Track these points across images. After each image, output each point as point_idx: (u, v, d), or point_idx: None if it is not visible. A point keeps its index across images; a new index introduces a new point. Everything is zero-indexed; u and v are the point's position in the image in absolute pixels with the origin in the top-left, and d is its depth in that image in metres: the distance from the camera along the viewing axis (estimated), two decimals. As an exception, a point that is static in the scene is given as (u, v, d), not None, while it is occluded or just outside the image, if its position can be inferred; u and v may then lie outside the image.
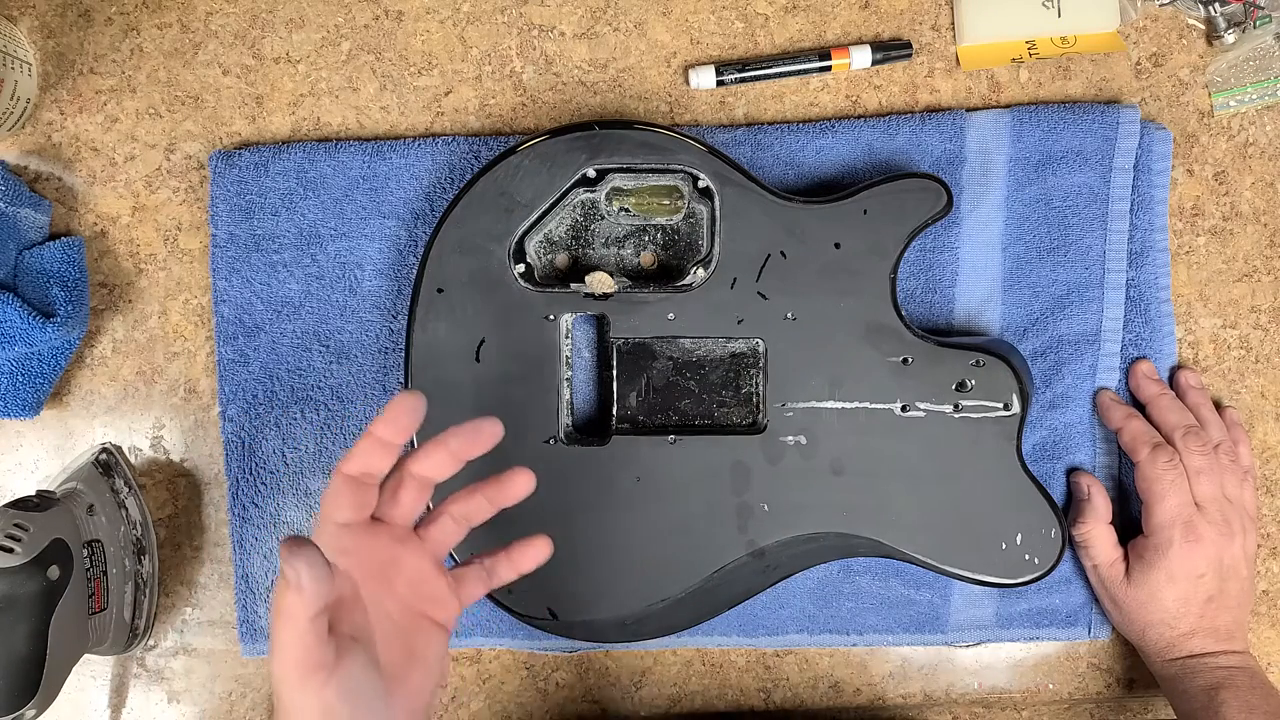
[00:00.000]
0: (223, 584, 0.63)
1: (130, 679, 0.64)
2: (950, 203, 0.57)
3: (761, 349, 0.58)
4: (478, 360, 0.57)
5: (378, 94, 0.62)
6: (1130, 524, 0.62)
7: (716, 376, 0.59)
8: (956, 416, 0.58)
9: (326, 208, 0.61)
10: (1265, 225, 0.63)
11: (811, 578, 0.62)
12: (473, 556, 0.49)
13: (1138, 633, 0.59)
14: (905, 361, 0.58)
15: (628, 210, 0.59)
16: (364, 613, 0.43)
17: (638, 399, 0.59)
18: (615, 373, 0.59)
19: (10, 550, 0.51)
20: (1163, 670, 0.59)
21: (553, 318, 0.57)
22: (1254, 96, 0.62)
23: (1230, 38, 0.62)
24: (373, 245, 0.61)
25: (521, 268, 0.57)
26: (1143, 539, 0.59)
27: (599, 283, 0.57)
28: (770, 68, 0.61)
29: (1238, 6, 0.61)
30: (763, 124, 0.62)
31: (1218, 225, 0.63)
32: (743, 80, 0.61)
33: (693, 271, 0.58)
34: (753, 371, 0.59)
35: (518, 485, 0.47)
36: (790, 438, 0.58)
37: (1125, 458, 0.61)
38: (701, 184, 0.57)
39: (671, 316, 0.58)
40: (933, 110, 0.62)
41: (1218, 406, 0.63)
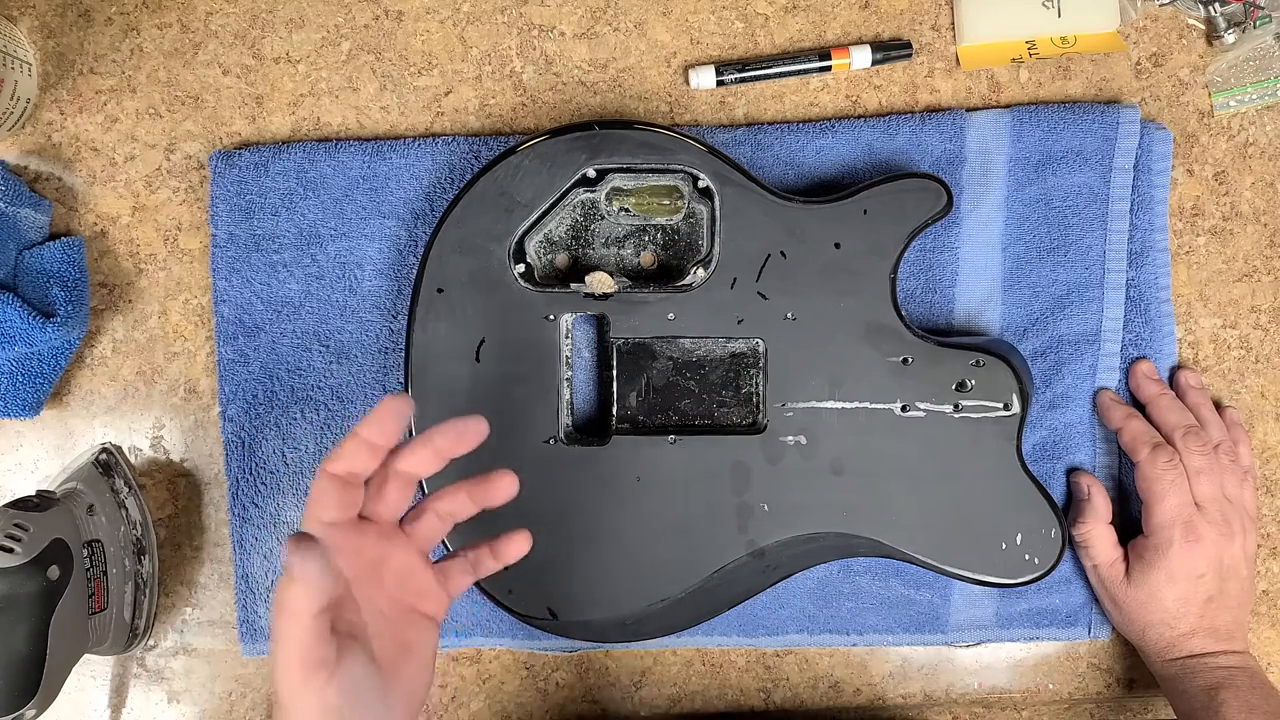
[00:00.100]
0: (223, 584, 0.63)
1: (130, 679, 0.64)
2: (950, 203, 0.57)
3: (761, 349, 0.58)
4: (478, 360, 0.57)
5: (378, 94, 0.62)
6: (1130, 524, 0.62)
7: (716, 376, 0.59)
8: (956, 416, 0.58)
9: (326, 208, 0.61)
10: (1265, 225, 0.63)
11: (811, 578, 0.62)
12: (456, 550, 0.50)
13: (1138, 633, 0.59)
14: (905, 361, 0.58)
15: (628, 210, 0.59)
16: (357, 610, 0.44)
17: (638, 399, 0.59)
18: (615, 373, 0.59)
19: (10, 550, 0.51)
20: (1163, 670, 0.59)
21: (553, 318, 0.57)
22: (1254, 96, 0.62)
23: (1230, 38, 0.62)
24: (373, 245, 0.61)
25: (521, 268, 0.57)
26: (1143, 539, 0.59)
27: (599, 283, 0.57)
28: (770, 68, 0.61)
29: (1238, 6, 0.61)
30: (763, 124, 0.62)
31: (1218, 225, 0.63)
32: (743, 80, 0.61)
33: (693, 271, 0.58)
34: (753, 371, 0.59)
35: (501, 487, 0.48)
36: (790, 438, 0.58)
37: (1125, 458, 0.61)
38: (701, 184, 0.57)
39: (671, 316, 0.58)
40: (933, 110, 0.62)
41: (1218, 406, 0.63)
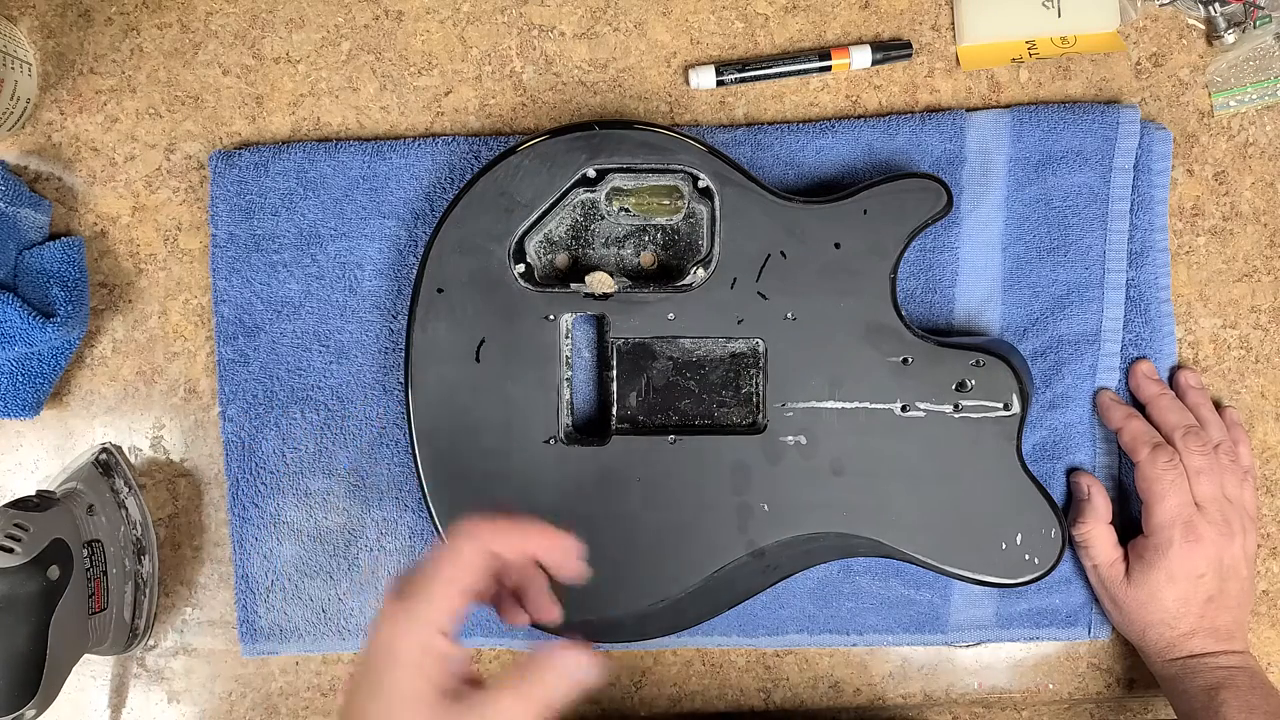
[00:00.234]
0: (223, 584, 0.63)
1: (130, 679, 0.64)
2: (950, 203, 0.57)
3: (761, 349, 0.58)
4: (478, 360, 0.57)
5: (378, 94, 0.62)
6: (1130, 524, 0.62)
7: (716, 376, 0.59)
8: (956, 416, 0.58)
9: (326, 208, 0.61)
10: (1265, 225, 0.63)
11: (811, 578, 0.62)
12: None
13: (1138, 633, 0.59)
14: (905, 361, 0.58)
15: (628, 210, 0.59)
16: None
17: (638, 399, 0.59)
18: (615, 373, 0.59)
19: (10, 550, 0.51)
20: (1163, 670, 0.59)
21: (553, 318, 0.57)
22: (1254, 96, 0.62)
23: (1230, 38, 0.62)
24: (373, 245, 0.61)
25: (521, 268, 0.57)
26: (1143, 539, 0.59)
27: (599, 283, 0.57)
28: (770, 68, 0.61)
29: (1238, 6, 0.61)
30: (763, 124, 0.62)
31: (1218, 225, 0.63)
32: (743, 80, 0.61)
33: (693, 271, 0.58)
34: (753, 371, 0.59)
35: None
36: (790, 438, 0.58)
37: (1125, 458, 0.61)
38: (701, 184, 0.57)
39: (671, 316, 0.58)
40: (933, 110, 0.62)
41: (1218, 406, 0.63)
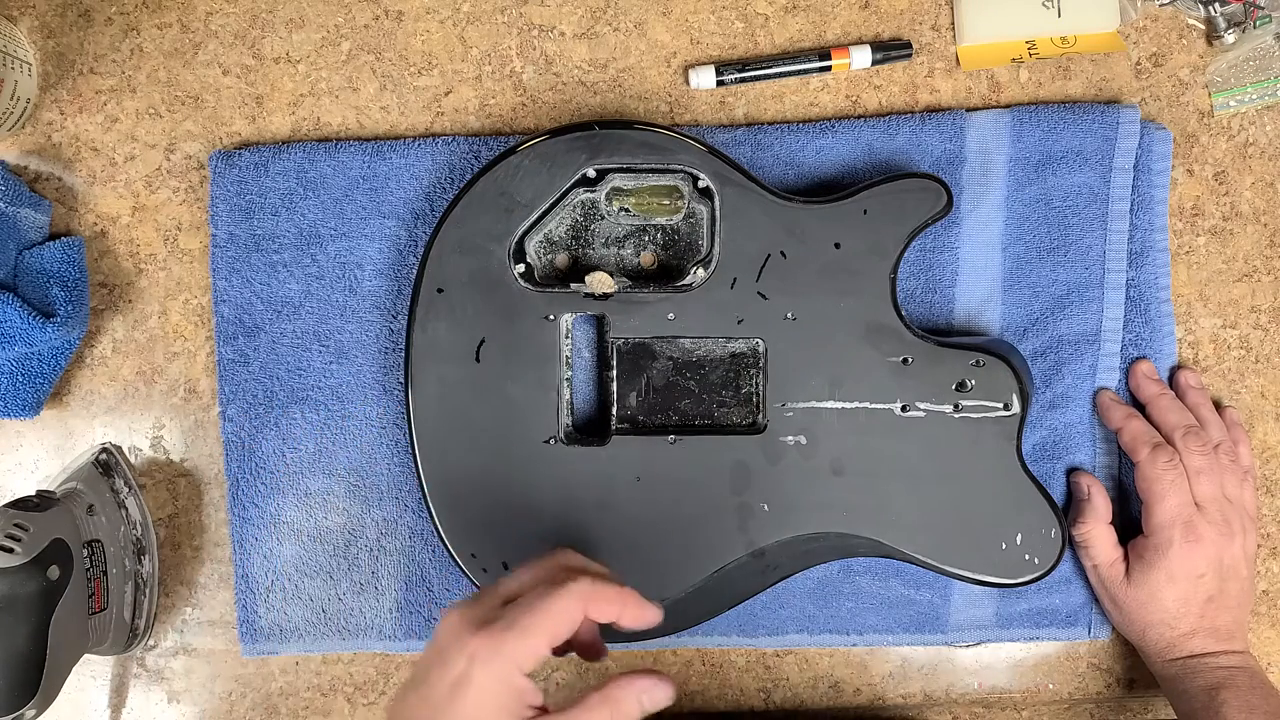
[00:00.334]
0: (223, 584, 0.63)
1: (130, 679, 0.64)
2: (950, 203, 0.57)
3: (761, 349, 0.58)
4: (478, 360, 0.57)
5: (378, 94, 0.62)
6: (1130, 524, 0.62)
7: (716, 376, 0.59)
8: (956, 416, 0.58)
9: (326, 208, 0.61)
10: (1265, 225, 0.63)
11: (811, 578, 0.62)
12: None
13: (1138, 633, 0.59)
14: (905, 361, 0.58)
15: (628, 210, 0.59)
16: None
17: (638, 399, 0.59)
18: (615, 373, 0.59)
19: (10, 550, 0.51)
20: (1163, 670, 0.59)
21: (553, 318, 0.57)
22: (1254, 96, 0.62)
23: (1230, 38, 0.62)
24: (373, 245, 0.61)
25: (521, 268, 0.57)
26: (1143, 539, 0.59)
27: (599, 283, 0.57)
28: (770, 68, 0.61)
29: (1238, 6, 0.61)
30: (763, 124, 0.62)
31: (1218, 225, 0.63)
32: (743, 80, 0.61)
33: (693, 271, 0.58)
34: (753, 371, 0.59)
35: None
36: (790, 438, 0.58)
37: (1125, 458, 0.61)
38: (701, 184, 0.57)
39: (671, 316, 0.58)
40: (933, 110, 0.62)
41: (1218, 406, 0.63)
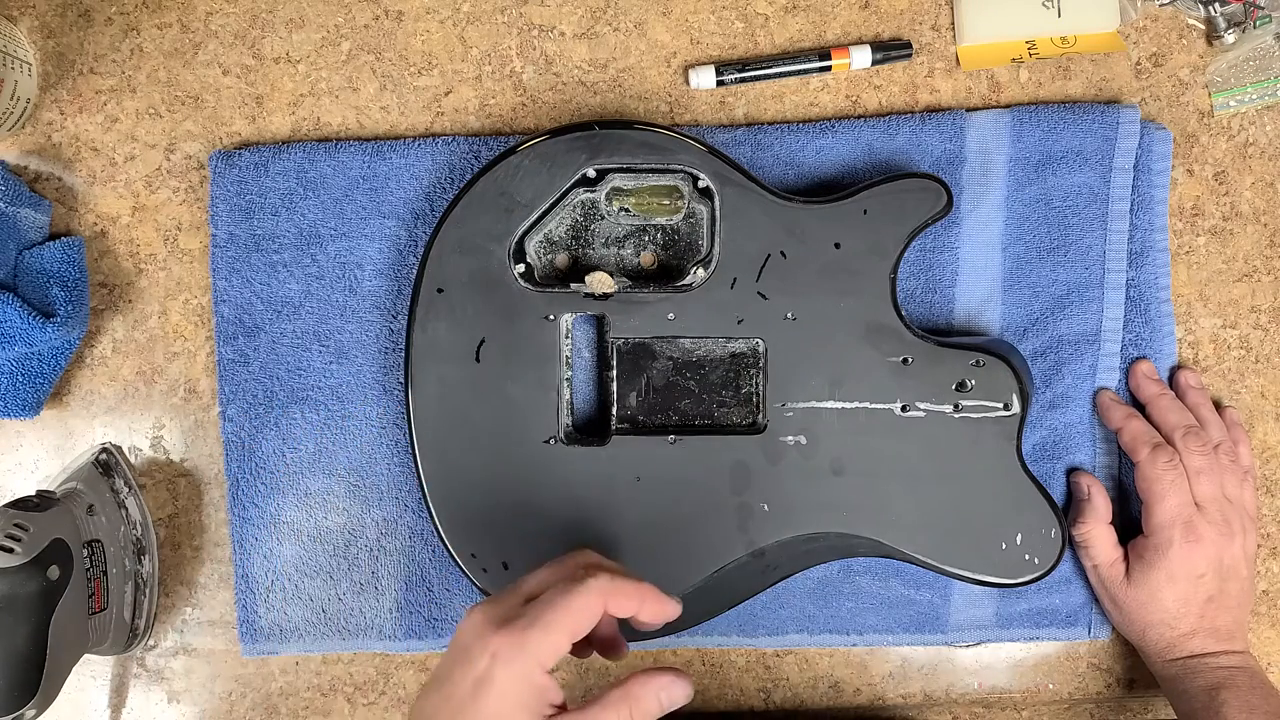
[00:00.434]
0: (223, 584, 0.63)
1: (130, 679, 0.64)
2: (950, 203, 0.57)
3: (761, 349, 0.58)
4: (478, 360, 0.57)
5: (378, 94, 0.62)
6: (1130, 524, 0.62)
7: (716, 376, 0.59)
8: (956, 416, 0.58)
9: (326, 208, 0.61)
10: (1265, 225, 0.63)
11: (811, 578, 0.62)
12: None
13: (1138, 633, 0.59)
14: (905, 361, 0.58)
15: (628, 210, 0.59)
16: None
17: (638, 399, 0.59)
18: (615, 373, 0.59)
19: (10, 550, 0.51)
20: (1163, 670, 0.59)
21: (553, 318, 0.57)
22: (1254, 96, 0.62)
23: (1230, 38, 0.62)
24: (373, 245, 0.61)
25: (521, 268, 0.57)
26: (1143, 539, 0.59)
27: (599, 283, 0.57)
28: (770, 68, 0.61)
29: (1238, 6, 0.61)
30: (763, 124, 0.62)
31: (1218, 225, 0.63)
32: (743, 80, 0.61)
33: (693, 271, 0.58)
34: (753, 371, 0.59)
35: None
36: (790, 438, 0.58)
37: (1125, 458, 0.61)
38: (701, 184, 0.57)
39: (671, 316, 0.58)
40: (933, 110, 0.62)
41: (1218, 406, 0.63)
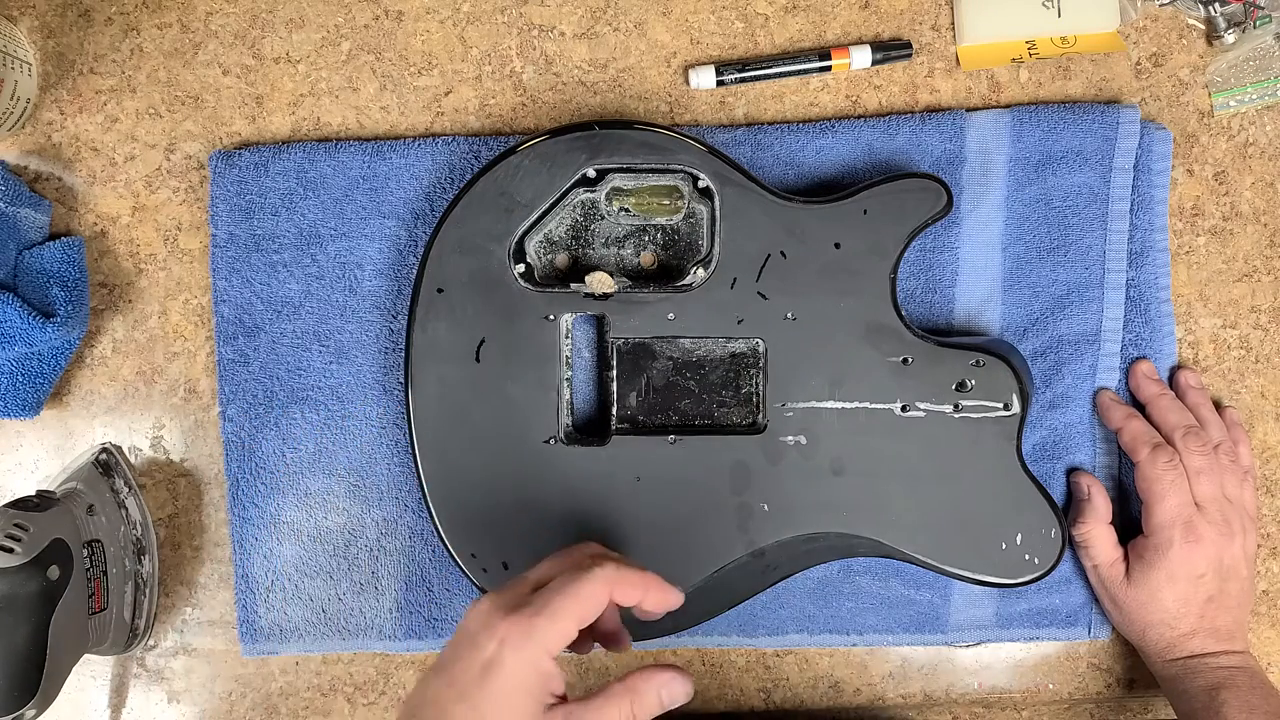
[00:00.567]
0: (223, 584, 0.63)
1: (130, 679, 0.64)
2: (950, 203, 0.57)
3: (761, 349, 0.58)
4: (478, 360, 0.57)
5: (378, 94, 0.62)
6: (1130, 524, 0.62)
7: (716, 376, 0.59)
8: (956, 416, 0.58)
9: (326, 208, 0.61)
10: (1265, 225, 0.63)
11: (811, 578, 0.62)
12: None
13: (1138, 633, 0.59)
14: (905, 361, 0.58)
15: (628, 210, 0.59)
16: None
17: (638, 399, 0.59)
18: (615, 373, 0.59)
19: (10, 550, 0.51)
20: (1163, 670, 0.59)
21: (553, 318, 0.57)
22: (1254, 96, 0.62)
23: (1230, 38, 0.62)
24: (373, 245, 0.61)
25: (521, 268, 0.57)
26: (1143, 539, 0.59)
27: (599, 283, 0.57)
28: (770, 68, 0.61)
29: (1238, 6, 0.61)
30: (763, 124, 0.62)
31: (1218, 225, 0.63)
32: (743, 80, 0.61)
33: (693, 271, 0.58)
34: (753, 371, 0.59)
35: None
36: (790, 438, 0.58)
37: (1125, 458, 0.61)
38: (701, 184, 0.57)
39: (671, 316, 0.58)
40: (933, 110, 0.62)
41: (1218, 406, 0.63)
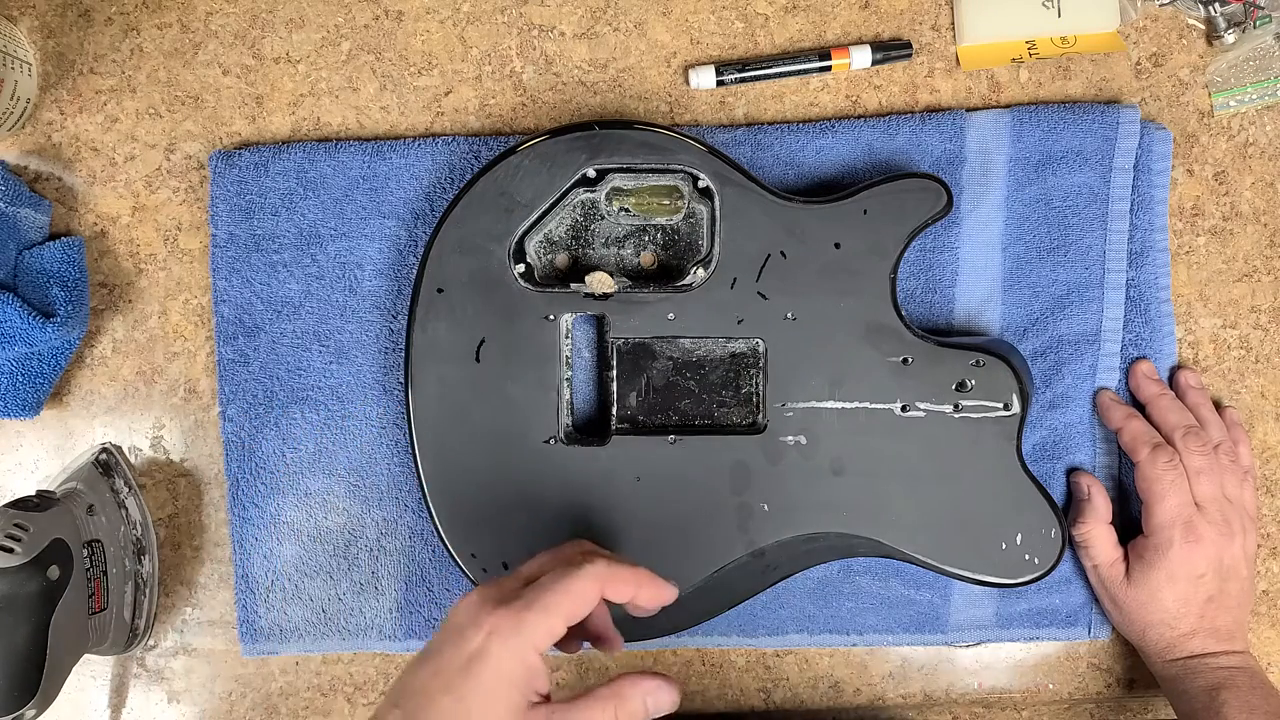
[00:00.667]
0: (223, 584, 0.63)
1: (130, 679, 0.64)
2: (950, 203, 0.57)
3: (761, 349, 0.58)
4: (478, 360, 0.57)
5: (378, 94, 0.62)
6: (1130, 524, 0.62)
7: (716, 376, 0.59)
8: (956, 416, 0.58)
9: (326, 208, 0.61)
10: (1265, 225, 0.63)
11: (811, 578, 0.62)
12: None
13: (1138, 633, 0.59)
14: (905, 361, 0.58)
15: (628, 210, 0.59)
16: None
17: (638, 399, 0.59)
18: (615, 373, 0.59)
19: (10, 550, 0.51)
20: (1163, 671, 0.59)
21: (553, 318, 0.57)
22: (1254, 96, 0.62)
23: (1230, 38, 0.62)
24: (373, 245, 0.61)
25: (521, 268, 0.57)
26: (1143, 539, 0.59)
27: (599, 283, 0.57)
28: (770, 68, 0.61)
29: (1238, 6, 0.61)
30: (763, 124, 0.62)
31: (1218, 225, 0.63)
32: (743, 80, 0.61)
33: (693, 271, 0.58)
34: (753, 371, 0.59)
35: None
36: (790, 438, 0.58)
37: (1125, 458, 0.61)
38: (701, 184, 0.57)
39: (671, 316, 0.58)
40: (933, 110, 0.62)
41: (1218, 406, 0.63)
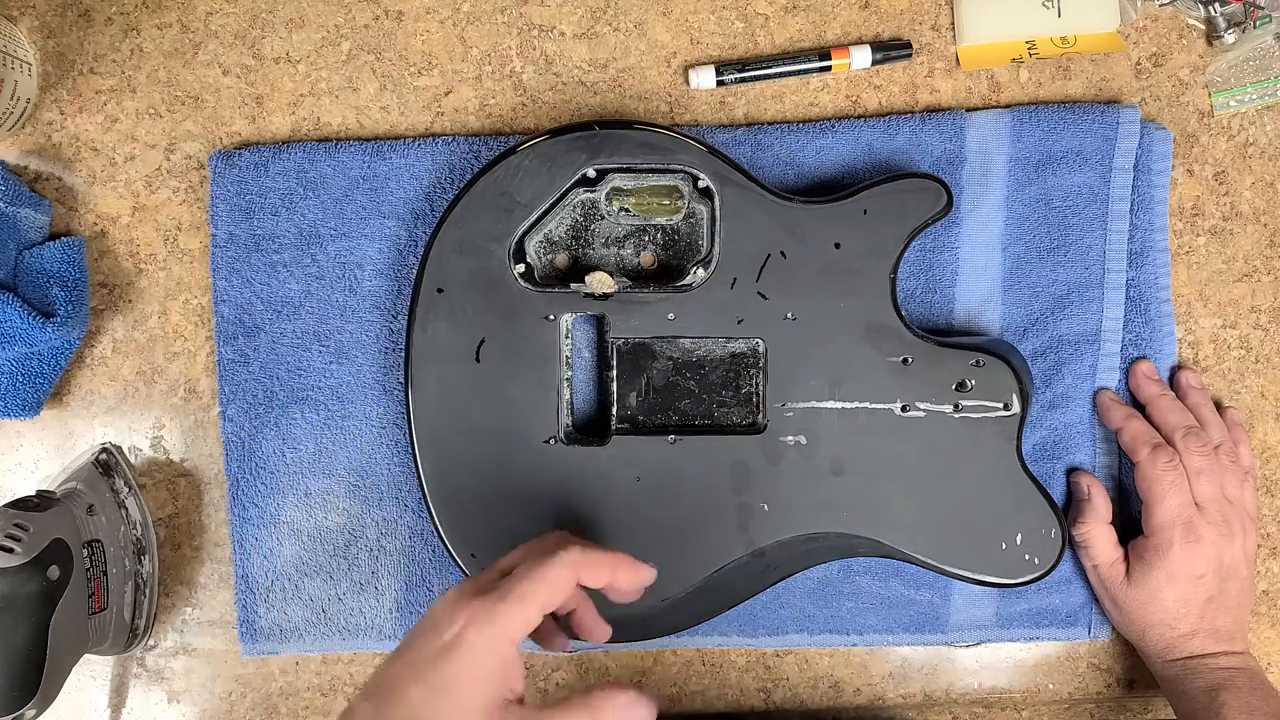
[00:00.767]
0: (223, 584, 0.63)
1: (130, 679, 0.64)
2: (950, 203, 0.57)
3: (761, 349, 0.58)
4: (478, 360, 0.57)
5: (378, 94, 0.62)
6: (1130, 524, 0.62)
7: (716, 376, 0.59)
8: (956, 416, 0.58)
9: (326, 208, 0.61)
10: (1265, 225, 0.63)
11: (811, 578, 0.62)
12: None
13: (1138, 633, 0.59)
14: (905, 361, 0.58)
15: (628, 210, 0.59)
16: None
17: (638, 399, 0.59)
18: (615, 373, 0.59)
19: (10, 550, 0.51)
20: (1163, 671, 0.59)
21: (553, 318, 0.57)
22: (1254, 96, 0.62)
23: (1230, 38, 0.62)
24: (373, 245, 0.61)
25: (521, 268, 0.57)
26: (1143, 539, 0.59)
27: (599, 283, 0.57)
28: (770, 68, 0.61)
29: (1238, 6, 0.61)
30: (763, 124, 0.62)
31: (1218, 225, 0.63)
32: (743, 80, 0.61)
33: (693, 271, 0.58)
34: (753, 371, 0.59)
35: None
36: (790, 438, 0.58)
37: (1125, 458, 0.61)
38: (701, 184, 0.57)
39: (671, 316, 0.58)
40: (933, 110, 0.62)
41: (1218, 406, 0.63)
